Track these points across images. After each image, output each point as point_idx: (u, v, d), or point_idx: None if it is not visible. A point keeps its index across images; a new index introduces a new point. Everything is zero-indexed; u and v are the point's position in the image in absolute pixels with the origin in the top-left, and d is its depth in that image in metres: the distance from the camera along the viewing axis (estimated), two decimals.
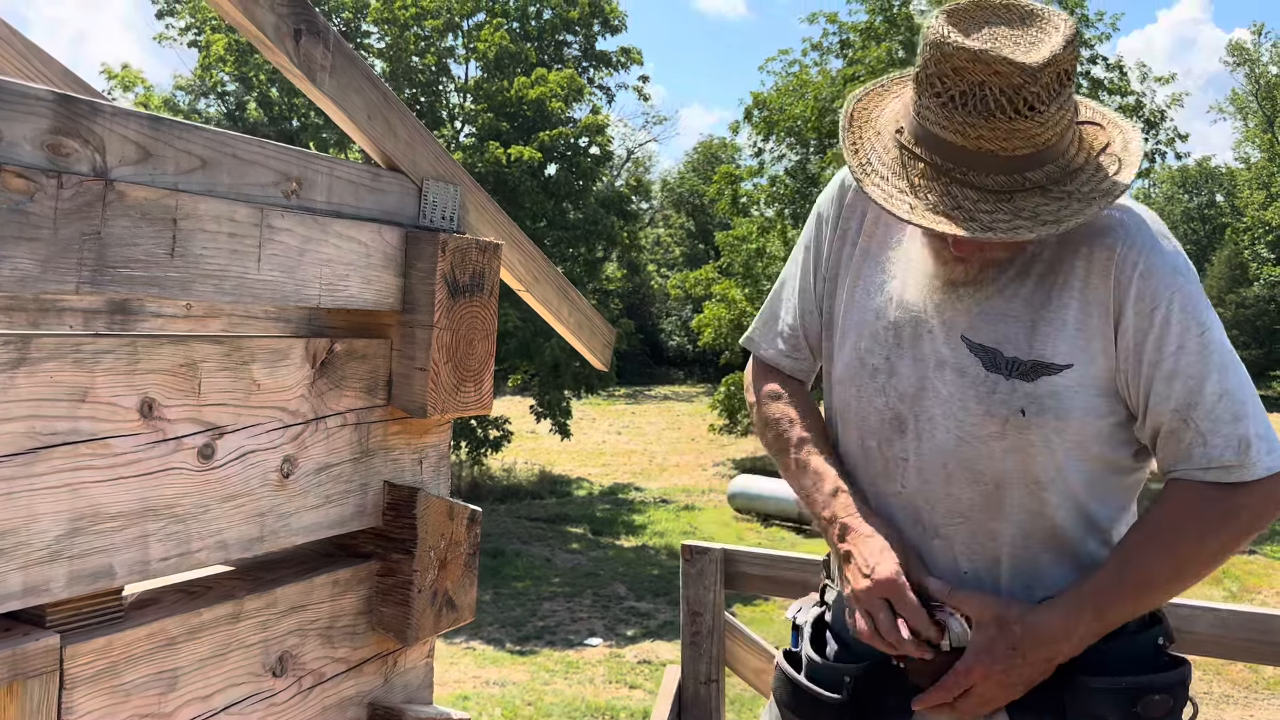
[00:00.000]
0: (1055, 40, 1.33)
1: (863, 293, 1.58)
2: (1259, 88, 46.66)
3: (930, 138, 1.37)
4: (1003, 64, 1.29)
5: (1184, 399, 1.39)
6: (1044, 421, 1.41)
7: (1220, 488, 1.39)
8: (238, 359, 1.33)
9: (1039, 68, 1.29)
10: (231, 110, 24.14)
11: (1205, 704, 11.31)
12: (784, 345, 1.70)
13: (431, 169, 1.63)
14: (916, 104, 1.39)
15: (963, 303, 1.48)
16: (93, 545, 1.17)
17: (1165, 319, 1.40)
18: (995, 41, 1.33)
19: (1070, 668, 1.43)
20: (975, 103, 1.31)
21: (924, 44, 1.37)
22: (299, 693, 1.47)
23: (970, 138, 1.33)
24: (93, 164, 1.14)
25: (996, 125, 1.31)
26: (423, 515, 1.57)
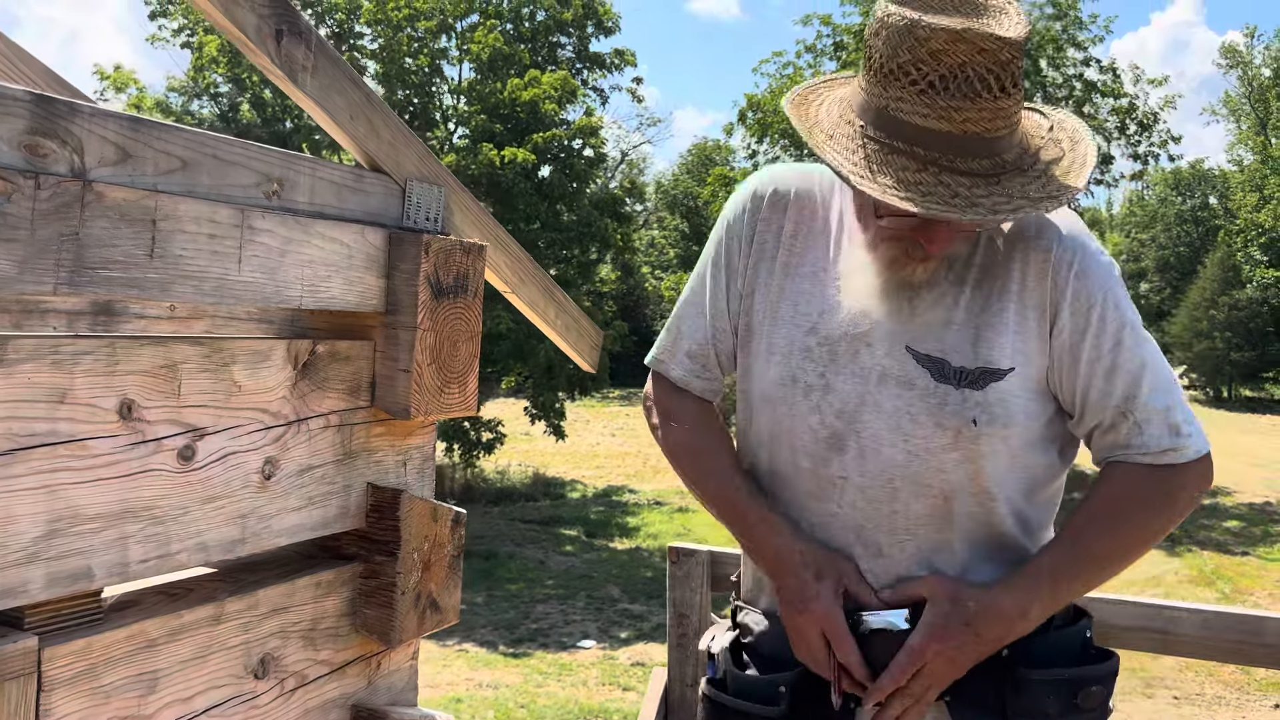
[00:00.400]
0: (1016, 17, 1.33)
1: (789, 308, 1.53)
2: (1251, 90, 46.84)
3: (908, 129, 1.32)
4: (989, 40, 1.27)
5: (1124, 393, 1.43)
6: (994, 430, 1.42)
7: (1159, 470, 1.44)
8: (218, 360, 1.33)
9: (1022, 41, 1.29)
10: (224, 112, 24.11)
11: (1197, 706, 11.35)
12: (694, 365, 1.65)
13: (415, 170, 1.62)
14: (883, 96, 1.34)
15: (903, 314, 1.45)
16: (71, 547, 1.17)
17: (1101, 317, 1.43)
18: (969, 20, 1.31)
19: (1009, 660, 1.43)
20: (959, 85, 1.28)
21: (885, 32, 1.33)
22: (281, 695, 1.47)
23: (956, 122, 1.30)
24: (71, 165, 1.13)
25: (983, 106, 1.29)
26: (406, 517, 1.57)
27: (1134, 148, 24.67)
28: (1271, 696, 11.56)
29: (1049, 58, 23.51)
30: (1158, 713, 11.14)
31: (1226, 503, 21.72)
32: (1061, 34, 23.45)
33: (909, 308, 1.45)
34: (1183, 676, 12.08)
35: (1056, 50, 23.42)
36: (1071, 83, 23.93)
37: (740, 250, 1.58)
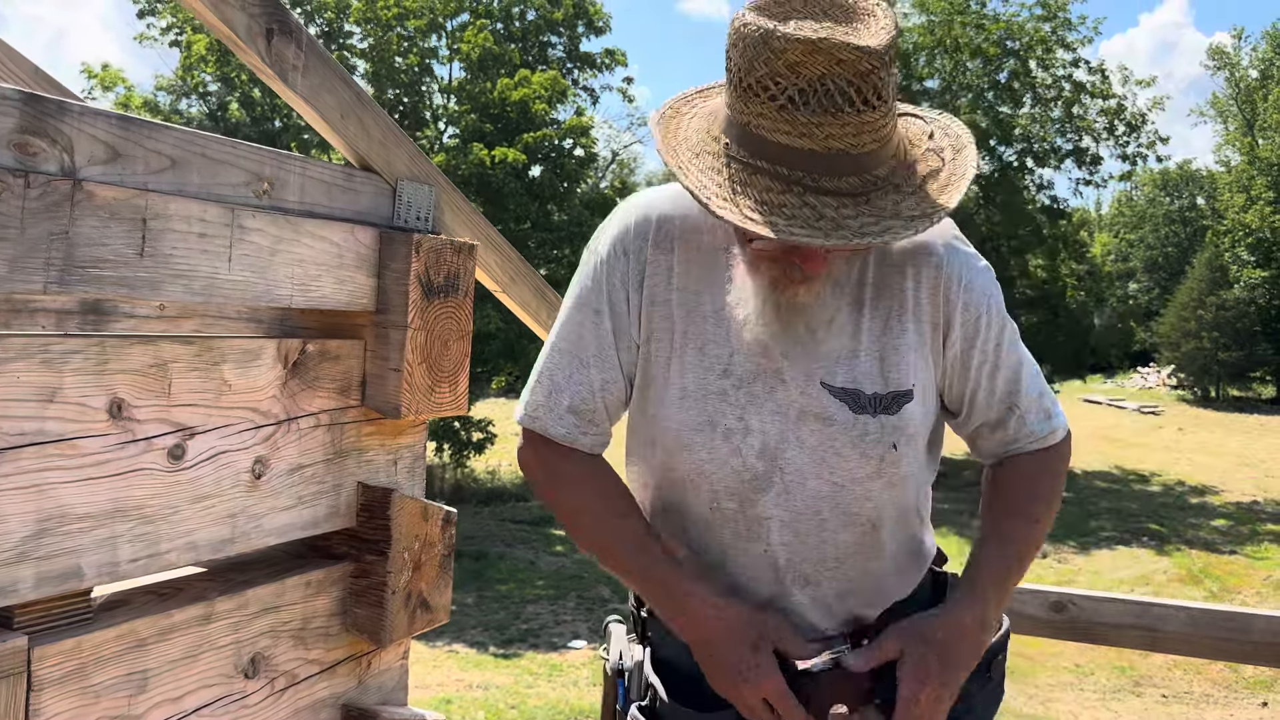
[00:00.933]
0: (883, 22, 1.25)
1: (695, 353, 1.45)
2: (1239, 91, 47.06)
3: (770, 147, 1.25)
4: (847, 51, 1.18)
5: (1007, 389, 1.49)
6: (909, 449, 1.43)
7: (1044, 453, 1.52)
8: (208, 359, 1.33)
9: (884, 50, 1.21)
10: (214, 110, 24.03)
11: (1185, 704, 11.41)
12: (578, 420, 1.49)
13: (406, 169, 1.62)
14: (744, 113, 1.26)
15: (808, 346, 1.42)
16: (61, 546, 1.16)
17: (987, 324, 1.46)
18: (827, 30, 1.22)
19: None
20: (819, 99, 1.20)
21: (741, 44, 1.24)
22: (271, 694, 1.47)
23: (819, 139, 1.22)
24: (61, 163, 1.13)
25: (845, 121, 1.21)
26: (396, 516, 1.57)
27: (1122, 148, 24.78)
28: (1259, 695, 11.62)
29: (1038, 58, 23.60)
30: (1146, 711, 11.20)
31: (1214, 502, 21.83)
32: (1051, 35, 23.53)
33: (812, 339, 1.41)
34: (1171, 675, 12.14)
35: (1046, 51, 23.52)
36: (1061, 83, 24.02)
37: (628, 297, 1.47)
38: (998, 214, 23.21)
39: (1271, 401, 36.70)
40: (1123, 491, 22.86)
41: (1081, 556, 17.76)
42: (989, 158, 24.09)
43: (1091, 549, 18.17)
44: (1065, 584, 15.70)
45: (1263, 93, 44.55)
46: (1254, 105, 45.17)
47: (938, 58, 23.55)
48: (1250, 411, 34.44)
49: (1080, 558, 17.70)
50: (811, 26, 1.22)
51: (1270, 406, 35.76)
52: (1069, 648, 12.05)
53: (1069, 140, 24.26)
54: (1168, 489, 23.05)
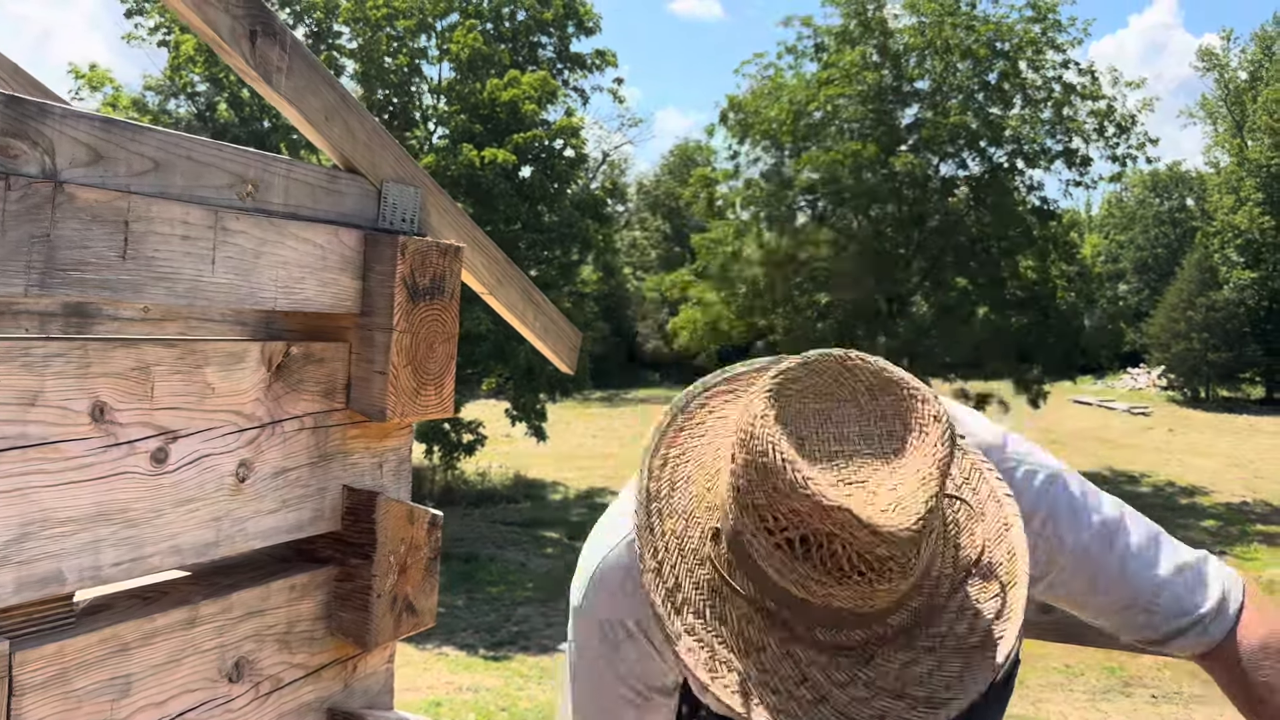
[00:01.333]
0: (928, 468, 0.96)
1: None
2: (1228, 93, 47.26)
3: (756, 573, 0.99)
4: (862, 531, 0.92)
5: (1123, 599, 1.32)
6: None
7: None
8: (191, 362, 1.32)
9: (912, 536, 0.92)
10: (202, 111, 23.94)
11: (1174, 704, 11.45)
12: None
13: (391, 171, 1.62)
14: (737, 519, 1.00)
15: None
16: (43, 550, 1.16)
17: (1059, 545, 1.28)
18: (848, 476, 0.97)
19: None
20: (822, 557, 0.95)
21: (747, 446, 0.98)
22: (256, 699, 1.46)
23: (817, 595, 0.97)
24: (42, 166, 1.13)
25: (851, 587, 0.96)
26: (382, 520, 1.56)
27: (1112, 150, 24.85)
28: None
29: (1028, 60, 23.66)
30: (1136, 711, 11.23)
31: (1204, 503, 21.91)
32: (1041, 36, 23.60)
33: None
34: (1160, 675, 12.18)
35: (1036, 52, 23.58)
36: (1051, 85, 24.09)
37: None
38: (988, 215, 23.26)
39: (1261, 402, 36.87)
40: (1113, 492, 22.82)
41: None
42: (979, 159, 24.16)
43: None
44: None
45: (1252, 94, 44.77)
46: (1243, 107, 45.38)
47: (928, 59, 23.60)
48: (1240, 412, 34.59)
49: None
50: (832, 477, 0.96)
51: (1259, 407, 35.93)
52: (1057, 648, 12.09)
53: (1059, 141, 24.31)
54: (1158, 490, 23.13)
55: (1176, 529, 13.66)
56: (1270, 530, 19.64)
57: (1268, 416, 33.70)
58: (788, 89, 23.71)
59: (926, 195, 22.88)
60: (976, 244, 23.74)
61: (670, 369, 42.74)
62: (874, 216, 23.77)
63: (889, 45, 23.59)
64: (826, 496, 0.92)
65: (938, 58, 23.49)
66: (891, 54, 23.52)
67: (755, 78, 25.40)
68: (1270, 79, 41.63)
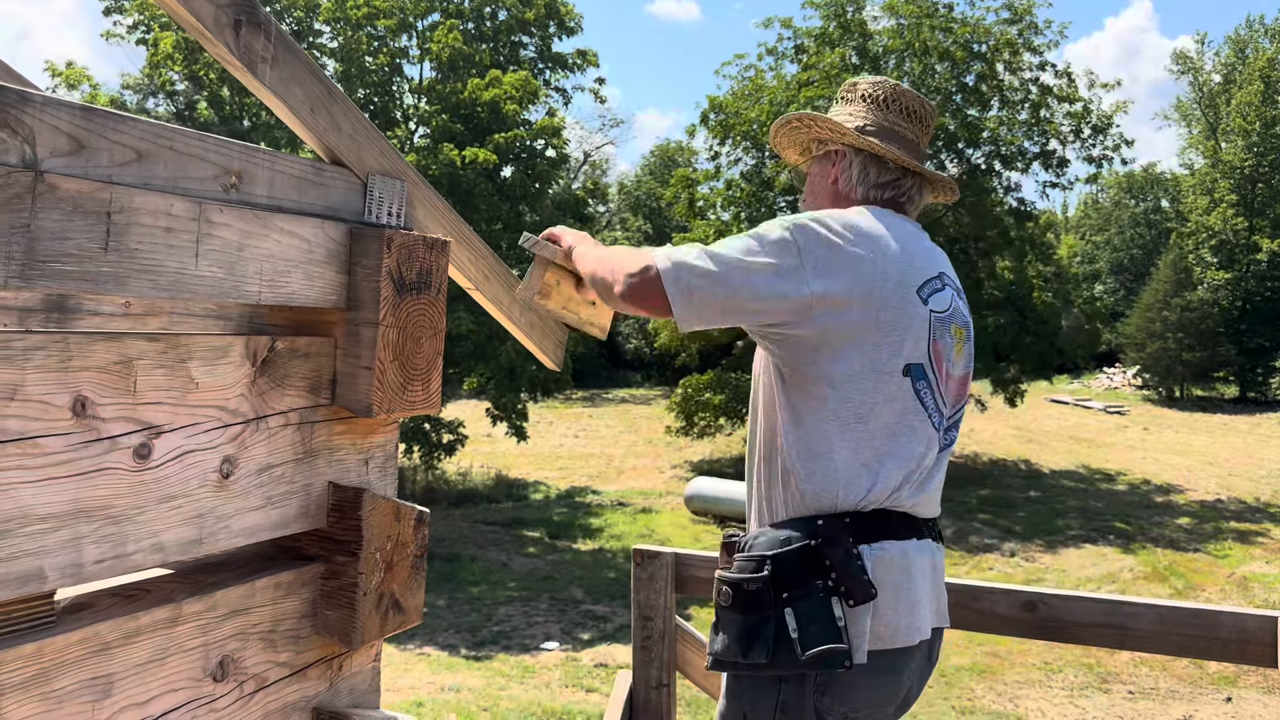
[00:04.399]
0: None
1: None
2: (1202, 95, 47.74)
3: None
4: (919, 102, 2.05)
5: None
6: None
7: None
8: (174, 356, 1.30)
9: (933, 110, 2.13)
10: (181, 110, 23.75)
11: (1151, 699, 11.54)
12: None
13: (377, 164, 1.60)
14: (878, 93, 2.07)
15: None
16: (22, 548, 1.13)
17: None
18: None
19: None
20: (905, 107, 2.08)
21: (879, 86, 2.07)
22: (240, 698, 1.44)
23: (903, 126, 2.09)
24: (22, 155, 1.10)
25: (916, 121, 2.07)
26: (368, 516, 1.54)
27: (1088, 151, 25.05)
28: (1224, 690, 11.78)
29: (1005, 62, 23.80)
30: (1114, 706, 11.32)
31: (1179, 500, 22.11)
32: (1018, 38, 23.75)
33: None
34: (1138, 671, 12.28)
35: (1013, 54, 23.72)
36: (1027, 87, 24.24)
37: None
38: (966, 216, 23.37)
39: (1234, 401, 37.25)
40: (1089, 490, 23.11)
41: (1049, 555, 17.93)
42: (957, 160, 24.27)
43: (1059, 547, 18.35)
44: (1033, 582, 15.84)
45: (1225, 97, 45.24)
46: (1217, 109, 45.85)
47: (907, 60, 23.70)
48: (1214, 411, 34.94)
49: (1047, 556, 17.87)
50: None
51: (1233, 406, 36.30)
52: (1036, 645, 12.16)
53: (1036, 143, 24.48)
54: (1133, 488, 23.33)
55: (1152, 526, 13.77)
56: (1243, 527, 19.85)
57: (1241, 415, 34.07)
58: (768, 90, 23.76)
59: None
60: (954, 244, 23.83)
61: (651, 369, 42.75)
62: None
63: (868, 47, 23.68)
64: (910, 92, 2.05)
65: (916, 59, 23.60)
66: (871, 56, 23.60)
67: (736, 79, 25.46)
68: (1243, 82, 42.07)
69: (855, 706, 1.74)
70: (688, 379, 23.61)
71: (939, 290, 1.86)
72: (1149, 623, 2.48)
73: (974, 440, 27.80)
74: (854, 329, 1.74)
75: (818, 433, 1.77)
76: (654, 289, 1.75)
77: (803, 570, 1.69)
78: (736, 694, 1.81)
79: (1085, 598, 2.57)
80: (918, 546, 1.82)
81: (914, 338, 1.78)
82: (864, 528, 1.75)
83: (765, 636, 1.67)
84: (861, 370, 1.75)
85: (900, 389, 1.78)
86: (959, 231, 23.73)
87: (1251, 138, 39.58)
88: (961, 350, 1.91)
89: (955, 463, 25.18)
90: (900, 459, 1.79)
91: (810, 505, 1.76)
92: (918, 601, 1.79)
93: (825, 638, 1.64)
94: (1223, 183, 40.59)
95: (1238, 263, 39.43)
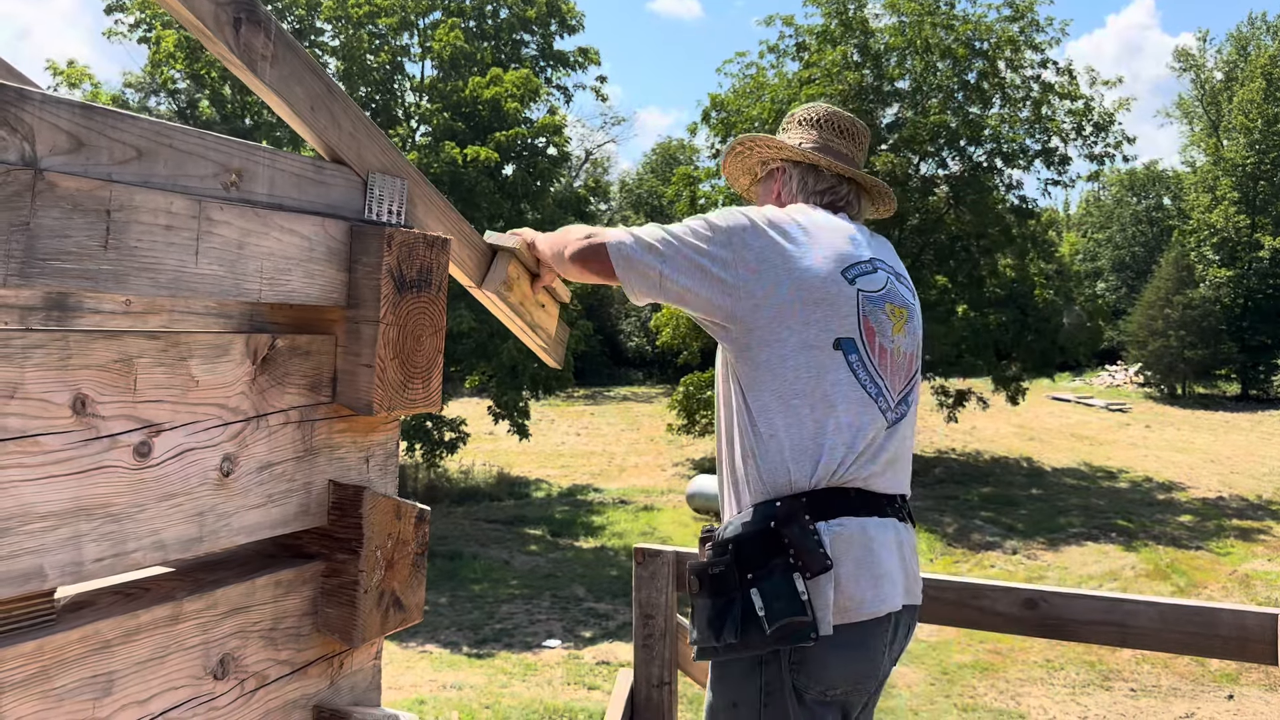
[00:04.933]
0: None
1: None
2: (1204, 93, 47.68)
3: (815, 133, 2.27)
4: (852, 122, 2.28)
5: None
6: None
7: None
8: (175, 354, 1.30)
9: (866, 129, 2.32)
10: (183, 108, 23.75)
11: (1153, 697, 11.53)
12: None
13: (377, 162, 1.60)
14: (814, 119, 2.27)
15: None
16: (22, 546, 1.13)
17: None
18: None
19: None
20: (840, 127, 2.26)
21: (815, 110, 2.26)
22: (241, 696, 1.44)
23: (836, 143, 2.27)
24: (21, 153, 1.10)
25: (849, 139, 2.27)
26: (369, 514, 1.54)
27: (1090, 149, 25.01)
28: (1225, 687, 11.78)
29: (1007, 60, 23.76)
30: (1115, 704, 11.31)
31: (1181, 498, 22.10)
32: (1019, 36, 23.71)
33: None
34: (1139, 668, 12.27)
35: (1014, 52, 23.68)
36: (1029, 84, 24.21)
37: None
38: (967, 214, 23.34)
39: (1236, 399, 37.22)
40: (1091, 488, 23.09)
41: (1051, 552, 17.92)
42: (959, 158, 24.25)
43: (1060, 545, 18.34)
44: (1035, 579, 15.84)
45: (1227, 94, 45.18)
46: (1219, 107, 45.79)
47: (908, 58, 23.66)
48: (1215, 409, 34.91)
49: (1049, 553, 17.86)
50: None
51: (1235, 404, 36.27)
52: (1038, 643, 12.16)
53: (1038, 140, 24.44)
54: (1135, 485, 23.32)
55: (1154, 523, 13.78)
56: (1245, 525, 19.83)
57: (1243, 413, 34.04)
58: (770, 88, 23.74)
59: (907, 194, 22.93)
60: (956, 242, 23.84)
61: (653, 367, 42.76)
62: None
63: (870, 45, 23.65)
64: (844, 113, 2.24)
65: (918, 57, 23.57)
66: (872, 54, 23.58)
67: (737, 76, 25.44)
68: (1245, 79, 42.00)
69: (830, 683, 1.82)
70: (689, 377, 23.60)
71: (869, 273, 1.98)
72: (1149, 620, 2.48)
73: (976, 438, 27.80)
74: (783, 310, 1.87)
75: (763, 414, 1.89)
76: (598, 253, 1.97)
77: (763, 551, 1.80)
78: (722, 684, 1.90)
79: (1085, 595, 2.57)
80: (879, 524, 1.89)
81: (842, 315, 1.90)
82: (820, 505, 1.84)
83: (734, 617, 1.78)
84: (795, 348, 1.87)
85: (833, 361, 1.88)
86: (960, 229, 23.72)
87: (1253, 135, 39.51)
88: (902, 328, 2.01)
89: (957, 461, 25.18)
90: (841, 430, 1.87)
91: (769, 487, 1.87)
92: (881, 575, 1.86)
93: (789, 611, 1.74)
94: (1225, 180, 40.54)
95: (1240, 260, 39.39)
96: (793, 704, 1.82)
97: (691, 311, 1.97)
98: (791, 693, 1.82)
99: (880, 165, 21.98)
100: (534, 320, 2.18)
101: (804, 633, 1.74)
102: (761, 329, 1.88)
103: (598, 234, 2.00)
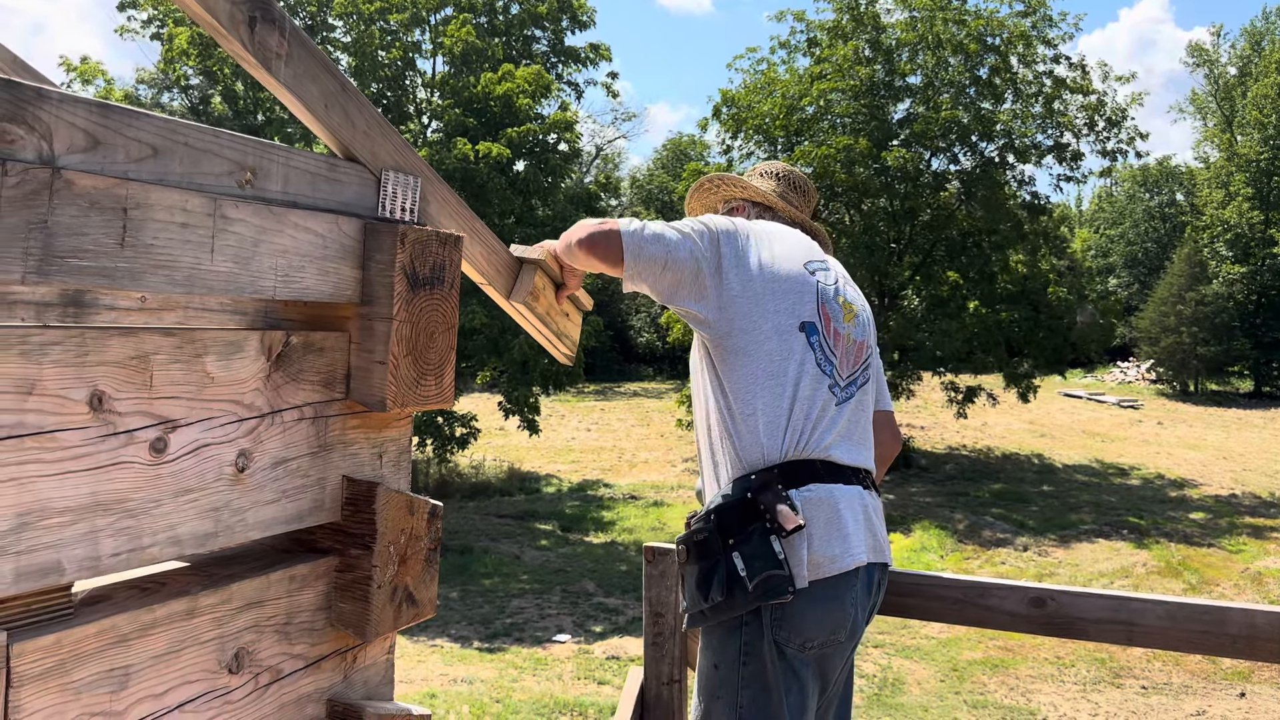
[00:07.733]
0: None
1: None
2: (1218, 88, 47.40)
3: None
4: (804, 180, 2.67)
5: None
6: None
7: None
8: (190, 351, 1.31)
9: (814, 188, 2.71)
10: (195, 104, 23.82)
11: (1164, 694, 11.50)
12: None
13: (391, 160, 1.61)
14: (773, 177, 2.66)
15: None
16: (40, 541, 1.15)
17: None
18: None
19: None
20: (793, 182, 2.63)
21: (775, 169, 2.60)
22: (255, 690, 1.45)
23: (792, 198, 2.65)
24: (39, 151, 1.11)
25: (799, 193, 2.68)
26: (382, 510, 1.55)
27: (1102, 144, 24.87)
28: (1237, 685, 11.73)
29: (1019, 55, 23.65)
30: (1126, 701, 11.28)
31: (1193, 495, 22.00)
32: (1031, 30, 23.59)
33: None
34: (1150, 666, 12.24)
35: (1026, 47, 23.56)
36: (1041, 79, 24.09)
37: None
38: (979, 210, 23.25)
39: (1249, 396, 37.03)
40: (1102, 485, 23.01)
41: (1062, 549, 17.86)
42: (970, 153, 24.15)
43: (1072, 542, 18.27)
44: (1046, 576, 15.80)
45: (1241, 90, 44.90)
46: (1232, 102, 45.50)
47: (920, 54, 23.57)
48: (1228, 406, 34.73)
49: (1061, 550, 17.80)
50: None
51: (1248, 401, 36.07)
52: (1049, 640, 12.12)
53: (1050, 136, 24.31)
54: (1147, 482, 23.22)
55: (1166, 520, 13.70)
56: (1258, 522, 19.74)
57: (1256, 410, 33.86)
58: (780, 84, 23.68)
59: (918, 190, 22.87)
60: (967, 238, 23.74)
61: (663, 363, 42.76)
62: (866, 211, 23.77)
63: (881, 40, 23.56)
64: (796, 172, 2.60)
65: (929, 52, 23.48)
66: (884, 49, 23.49)
67: (748, 72, 25.39)
68: (1259, 74, 41.72)
69: (809, 635, 2.03)
70: None
71: (824, 269, 2.30)
72: (1157, 619, 2.47)
73: (987, 434, 27.72)
74: (760, 298, 2.13)
75: (742, 395, 2.10)
76: (609, 238, 2.12)
77: (742, 519, 2.01)
78: (707, 650, 2.10)
79: (1093, 594, 2.56)
80: (845, 490, 2.12)
81: (805, 301, 2.18)
82: (791, 475, 2.06)
83: (719, 577, 1.99)
84: (769, 333, 2.11)
85: (799, 343, 2.14)
86: (972, 225, 23.63)
87: (1268, 131, 39.25)
88: (851, 320, 2.29)
89: (968, 457, 25.09)
90: (801, 402, 2.10)
91: (746, 463, 2.09)
92: (849, 534, 2.08)
93: (768, 568, 1.95)
94: (1238, 176, 40.28)
95: (1253, 256, 39.15)
96: (771, 658, 2.01)
97: (679, 304, 2.16)
98: (771, 646, 2.01)
99: (891, 161, 21.92)
100: (560, 329, 2.30)
101: (782, 587, 1.95)
102: (742, 317, 2.11)
103: (609, 221, 2.16)
